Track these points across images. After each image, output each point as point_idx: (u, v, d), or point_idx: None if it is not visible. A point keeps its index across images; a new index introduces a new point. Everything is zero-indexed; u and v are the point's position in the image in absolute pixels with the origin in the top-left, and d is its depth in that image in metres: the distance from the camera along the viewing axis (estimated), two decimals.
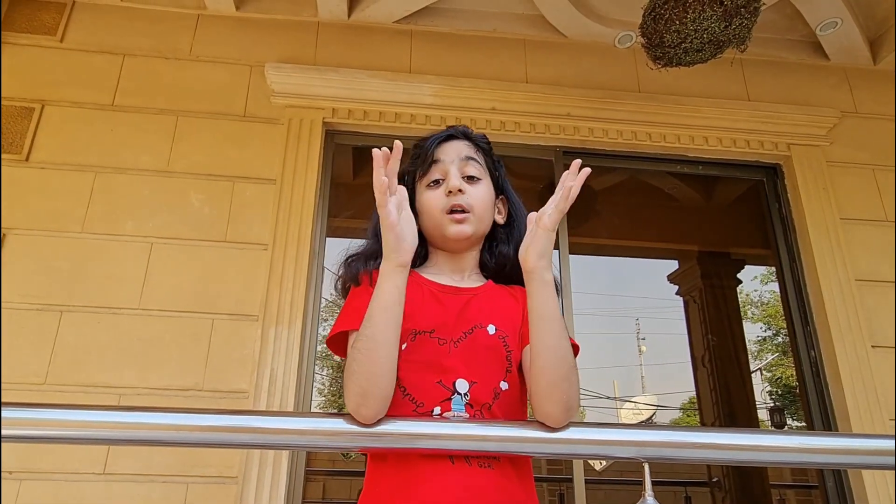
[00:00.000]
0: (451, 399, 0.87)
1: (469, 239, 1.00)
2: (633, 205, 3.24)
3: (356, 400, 0.78)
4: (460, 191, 0.98)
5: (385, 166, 0.79)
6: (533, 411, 0.85)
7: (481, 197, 1.01)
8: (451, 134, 1.05)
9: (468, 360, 0.90)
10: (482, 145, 1.07)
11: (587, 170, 0.83)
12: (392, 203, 0.80)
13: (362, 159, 2.72)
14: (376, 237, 0.98)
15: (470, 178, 1.01)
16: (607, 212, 3.09)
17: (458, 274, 1.03)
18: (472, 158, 1.03)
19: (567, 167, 0.85)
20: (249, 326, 1.99)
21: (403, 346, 0.88)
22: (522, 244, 0.86)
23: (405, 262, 0.83)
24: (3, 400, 0.75)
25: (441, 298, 0.96)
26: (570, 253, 2.32)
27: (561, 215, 0.82)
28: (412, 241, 0.85)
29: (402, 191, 0.85)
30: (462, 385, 0.88)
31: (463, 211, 0.98)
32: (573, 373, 0.81)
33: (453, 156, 1.02)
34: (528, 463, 0.93)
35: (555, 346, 0.81)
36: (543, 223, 0.83)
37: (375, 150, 0.79)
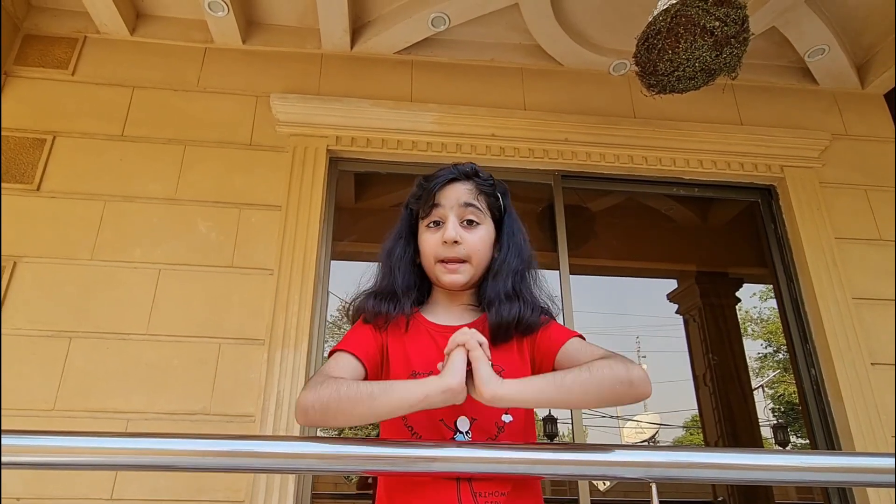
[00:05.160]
0: (453, 438, 0.91)
1: (464, 285, 1.03)
2: (632, 226, 3.28)
3: (313, 404, 0.82)
4: (456, 242, 0.99)
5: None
6: None
7: (478, 243, 1.02)
8: (454, 177, 1.05)
9: (468, 397, 0.92)
10: (484, 188, 1.06)
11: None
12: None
13: (365, 185, 2.77)
14: (389, 271, 1.04)
15: (469, 223, 1.02)
16: (606, 233, 3.13)
17: (456, 308, 1.05)
18: (472, 204, 1.02)
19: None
20: (256, 350, 2.01)
21: None
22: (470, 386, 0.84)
23: (446, 403, 0.83)
24: (11, 427, 0.75)
25: (437, 339, 0.98)
26: (571, 274, 2.35)
27: (477, 355, 0.84)
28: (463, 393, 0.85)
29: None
30: (463, 423, 0.91)
31: (457, 261, 1.00)
32: (602, 383, 0.83)
33: (453, 201, 1.02)
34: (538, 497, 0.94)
35: (575, 401, 0.87)
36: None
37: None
